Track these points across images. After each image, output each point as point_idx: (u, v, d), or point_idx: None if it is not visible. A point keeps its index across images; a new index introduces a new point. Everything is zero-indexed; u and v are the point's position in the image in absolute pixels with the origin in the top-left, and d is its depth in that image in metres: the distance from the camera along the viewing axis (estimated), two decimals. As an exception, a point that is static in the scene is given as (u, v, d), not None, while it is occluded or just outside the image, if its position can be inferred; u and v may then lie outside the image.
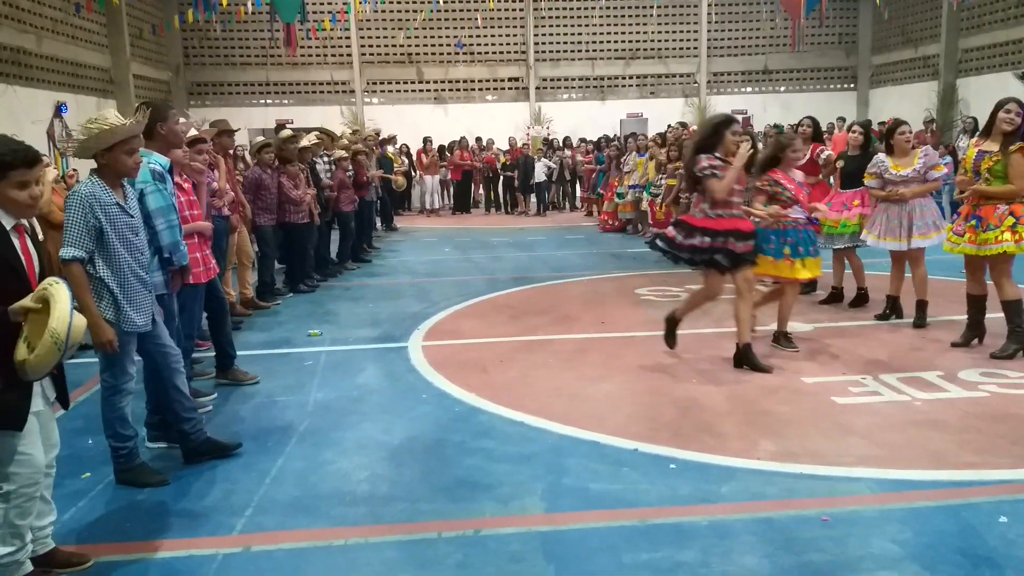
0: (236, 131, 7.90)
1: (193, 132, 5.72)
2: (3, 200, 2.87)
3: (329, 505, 3.70)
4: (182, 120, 6.31)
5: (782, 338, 6.08)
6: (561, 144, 18.76)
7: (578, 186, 18.44)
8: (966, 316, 5.98)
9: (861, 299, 7.28)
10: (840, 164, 7.33)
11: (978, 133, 5.93)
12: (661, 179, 10.78)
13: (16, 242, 2.90)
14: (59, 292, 2.78)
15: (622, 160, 13.39)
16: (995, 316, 5.87)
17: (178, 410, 4.13)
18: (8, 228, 2.89)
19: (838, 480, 3.80)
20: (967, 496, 3.61)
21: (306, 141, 9.22)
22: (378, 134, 15.64)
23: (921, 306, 6.53)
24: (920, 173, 6.30)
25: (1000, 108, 5.47)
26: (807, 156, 7.68)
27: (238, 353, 5.80)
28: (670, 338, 5.93)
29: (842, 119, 18.49)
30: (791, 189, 5.85)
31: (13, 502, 2.89)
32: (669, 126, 13.37)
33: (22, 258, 2.91)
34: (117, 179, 3.76)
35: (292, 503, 3.73)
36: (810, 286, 7.97)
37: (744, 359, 5.58)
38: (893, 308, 6.74)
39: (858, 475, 3.83)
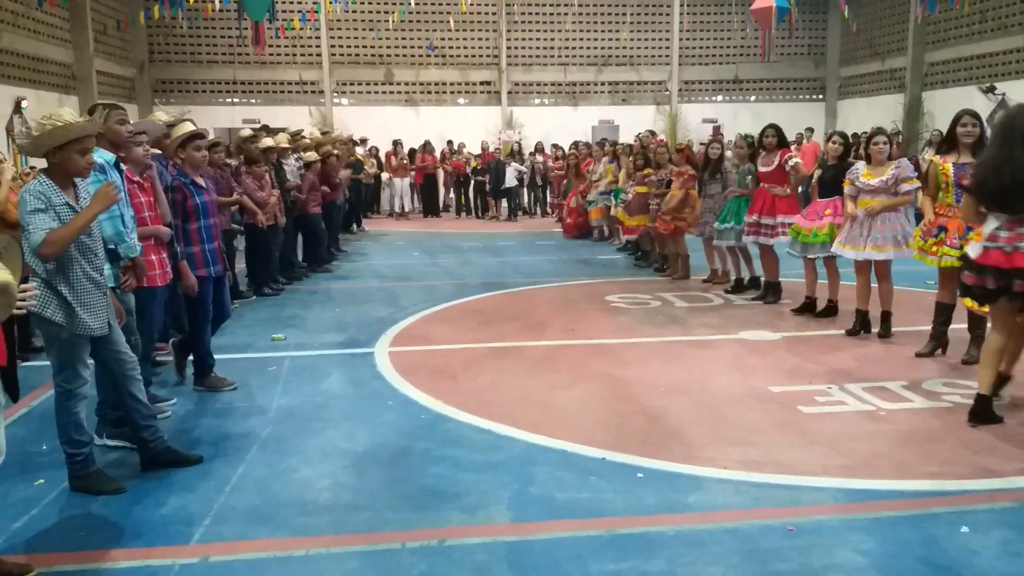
0: (203, 131, 7.76)
1: (190, 127, 5.60)
2: None
3: (290, 514, 3.62)
4: (160, 116, 6.19)
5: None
6: (533, 150, 18.77)
7: (548, 191, 18.46)
8: (931, 326, 6.05)
9: (830, 310, 7.31)
10: (818, 174, 7.36)
11: (939, 148, 5.98)
12: (631, 186, 10.80)
13: None
14: None
15: (588, 168, 13.41)
16: (958, 326, 5.95)
17: (136, 418, 4.02)
18: None
19: (803, 490, 3.81)
20: (930, 506, 3.64)
21: (271, 141, 9.08)
22: (351, 138, 15.55)
23: (885, 316, 6.60)
24: (888, 184, 6.30)
25: (957, 122, 5.58)
26: (775, 163, 7.75)
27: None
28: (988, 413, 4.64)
29: (810, 129, 18.76)
30: None
31: None
32: (637, 135, 13.39)
33: None
34: (68, 179, 3.69)
35: (252, 512, 3.64)
36: (776, 295, 8.03)
37: (984, 411, 4.58)
38: (863, 323, 6.70)
39: (823, 485, 3.85)
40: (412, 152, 18.40)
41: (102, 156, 4.21)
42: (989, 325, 4.92)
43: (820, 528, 3.43)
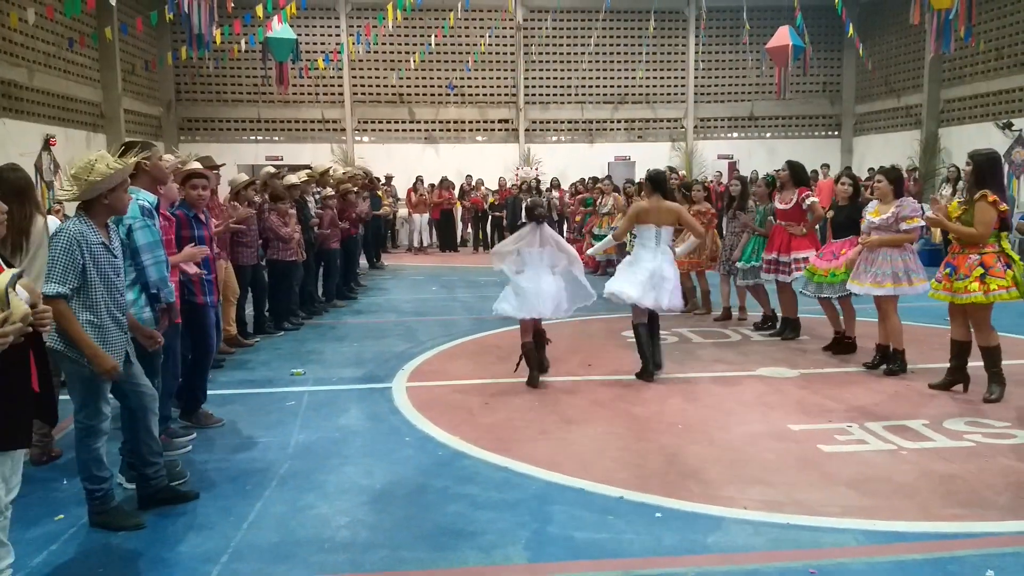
0: (221, 166, 7.86)
1: (196, 165, 5.72)
2: None
3: (308, 552, 3.62)
4: (168, 157, 6.33)
5: None
6: (549, 186, 18.88)
7: (565, 227, 18.51)
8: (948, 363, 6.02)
9: (848, 347, 7.27)
10: (831, 215, 7.38)
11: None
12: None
13: None
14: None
15: (599, 202, 13.44)
16: (978, 363, 5.89)
17: (145, 453, 4.03)
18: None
19: (825, 531, 3.76)
20: (954, 549, 3.58)
21: (295, 178, 9.23)
22: (367, 173, 15.74)
23: (895, 354, 6.54)
24: (888, 222, 6.32)
25: None
26: (793, 200, 7.76)
27: (221, 392, 5.74)
28: None
29: (826, 166, 18.77)
30: None
31: None
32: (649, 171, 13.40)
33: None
34: (107, 217, 3.80)
35: (270, 549, 3.65)
36: (795, 331, 7.99)
37: None
38: (883, 357, 6.70)
39: (845, 526, 3.80)
40: (432, 188, 18.61)
41: (145, 198, 4.28)
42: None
43: (843, 571, 3.38)
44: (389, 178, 18.55)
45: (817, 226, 7.95)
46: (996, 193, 5.51)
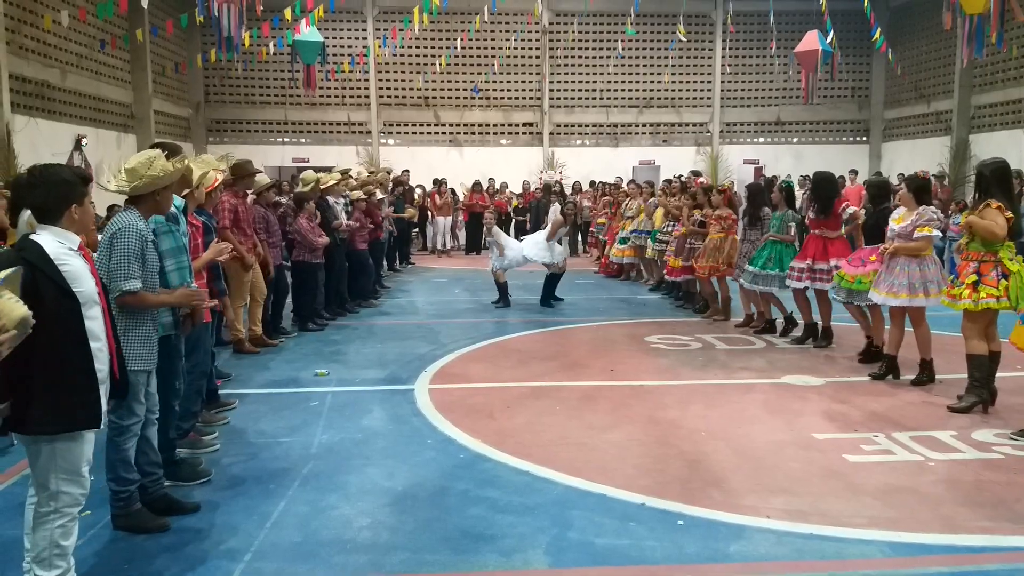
0: (259, 172, 8.01)
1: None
2: (82, 216, 3.09)
3: (330, 552, 3.64)
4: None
5: None
6: (572, 190, 18.86)
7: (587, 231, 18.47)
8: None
9: (876, 355, 7.18)
10: (861, 219, 7.30)
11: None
12: (668, 226, 10.74)
13: (84, 262, 3.07)
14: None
15: (624, 206, 13.37)
16: (1004, 374, 5.79)
17: (142, 462, 4.01)
18: (75, 249, 3.04)
19: (849, 542, 3.72)
20: (981, 563, 3.53)
21: (332, 180, 9.38)
22: (389, 172, 15.81)
23: (924, 364, 6.45)
24: (907, 230, 6.26)
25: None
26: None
27: (245, 391, 5.81)
28: None
29: (854, 172, 18.57)
30: None
31: (57, 522, 2.99)
32: (678, 175, 13.35)
33: (92, 279, 3.07)
34: (151, 215, 3.89)
35: (292, 549, 3.68)
36: (827, 339, 7.90)
37: None
38: (890, 368, 6.64)
39: (870, 537, 3.75)
40: (453, 192, 18.68)
41: (173, 201, 4.33)
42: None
43: (866, 583, 3.34)
44: (405, 174, 18.31)
45: (845, 232, 7.86)
46: (1002, 202, 5.43)
